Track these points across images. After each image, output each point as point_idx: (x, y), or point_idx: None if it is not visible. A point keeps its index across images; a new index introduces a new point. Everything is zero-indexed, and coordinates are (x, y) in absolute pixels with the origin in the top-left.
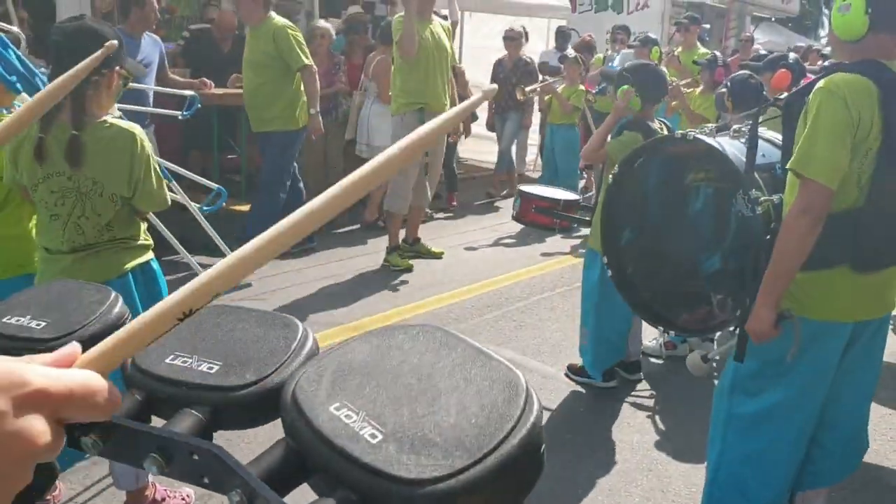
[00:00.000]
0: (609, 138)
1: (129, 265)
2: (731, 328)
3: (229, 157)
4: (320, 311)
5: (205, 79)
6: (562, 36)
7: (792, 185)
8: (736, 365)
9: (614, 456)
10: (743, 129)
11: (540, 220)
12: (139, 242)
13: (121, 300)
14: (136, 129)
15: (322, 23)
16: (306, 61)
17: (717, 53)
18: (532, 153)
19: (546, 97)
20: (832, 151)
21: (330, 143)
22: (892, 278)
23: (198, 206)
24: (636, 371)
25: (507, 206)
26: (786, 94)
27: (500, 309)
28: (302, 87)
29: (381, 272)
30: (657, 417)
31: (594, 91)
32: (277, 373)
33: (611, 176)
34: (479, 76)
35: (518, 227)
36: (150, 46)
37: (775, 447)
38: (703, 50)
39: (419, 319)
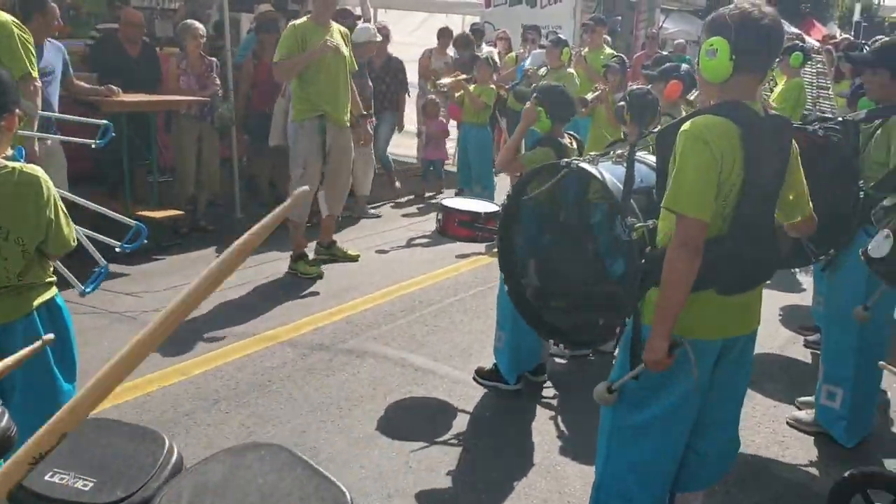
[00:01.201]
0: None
1: (35, 303)
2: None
3: (141, 164)
4: (235, 323)
5: (111, 86)
6: (476, 32)
7: (666, 214)
8: (619, 379)
9: (516, 459)
10: (625, 153)
11: (463, 234)
12: (45, 280)
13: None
14: (38, 172)
15: (192, 22)
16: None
17: (623, 57)
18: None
19: (457, 94)
20: (700, 188)
21: (205, 147)
22: (756, 298)
23: (118, 244)
24: (542, 373)
25: (423, 206)
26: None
27: (414, 313)
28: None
29: (296, 277)
30: (559, 419)
31: (507, 86)
32: (144, 489)
33: (506, 194)
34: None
35: (434, 226)
36: (53, 53)
37: (656, 456)
38: (608, 50)
39: (332, 327)
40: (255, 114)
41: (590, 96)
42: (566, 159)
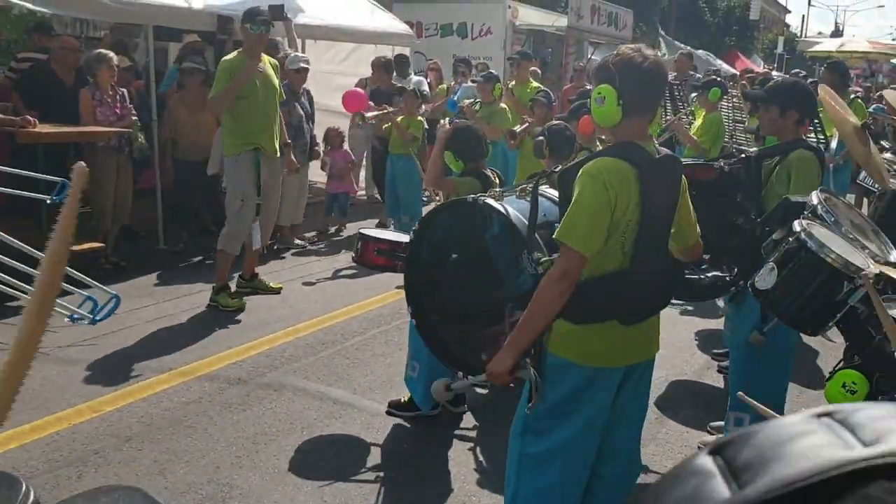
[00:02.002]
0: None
1: None
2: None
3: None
4: (153, 357)
5: (27, 116)
6: (401, 63)
7: None
8: (525, 409)
9: (431, 490)
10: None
11: (381, 262)
12: None
13: None
14: None
15: (105, 52)
16: None
17: (549, 91)
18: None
19: (385, 126)
20: (591, 227)
21: (120, 180)
22: (654, 327)
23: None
24: (461, 403)
25: (346, 235)
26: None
27: (336, 346)
28: None
29: (217, 310)
30: (478, 449)
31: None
32: None
33: (413, 230)
34: (326, 100)
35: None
36: None
37: (562, 482)
38: (535, 84)
39: (252, 361)
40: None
41: (518, 129)
42: (472, 195)
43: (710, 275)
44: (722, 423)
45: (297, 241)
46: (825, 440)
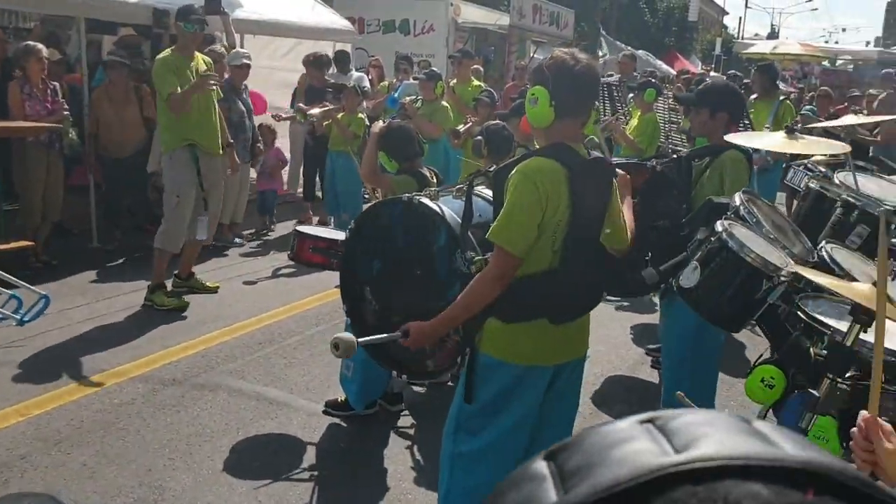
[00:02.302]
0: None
1: None
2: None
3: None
4: (84, 358)
5: None
6: (342, 59)
7: None
8: (458, 408)
9: (366, 489)
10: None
11: (317, 260)
12: None
13: None
14: None
15: (34, 43)
16: None
17: (492, 91)
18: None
19: (325, 123)
20: (523, 227)
21: (50, 176)
22: (584, 326)
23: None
24: (398, 402)
25: (277, 236)
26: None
27: (273, 345)
28: None
29: (152, 310)
30: (414, 448)
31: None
32: None
33: (349, 228)
34: (268, 97)
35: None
36: None
37: (493, 481)
38: (476, 83)
39: (188, 361)
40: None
41: (461, 128)
42: (408, 194)
43: (643, 272)
44: None
45: (237, 239)
46: (644, 446)
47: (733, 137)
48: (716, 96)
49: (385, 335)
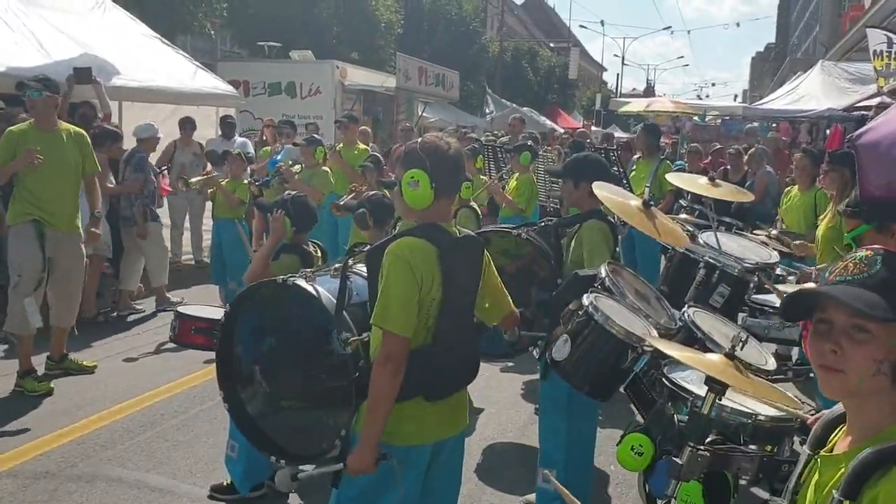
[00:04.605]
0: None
1: None
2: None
3: None
4: None
5: None
6: (227, 125)
7: (375, 328)
8: (338, 493)
9: None
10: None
11: (199, 341)
12: None
13: None
14: None
15: None
16: None
17: (378, 157)
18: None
19: (210, 190)
20: (404, 307)
21: None
22: (461, 402)
23: None
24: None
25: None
26: None
27: (155, 428)
28: None
29: (22, 395)
30: None
31: (258, 182)
32: None
33: (224, 312)
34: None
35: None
36: None
37: None
38: (362, 146)
39: (61, 451)
40: None
41: (346, 198)
42: (283, 276)
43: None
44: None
45: (137, 305)
46: None
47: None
48: (576, 168)
49: (327, 468)
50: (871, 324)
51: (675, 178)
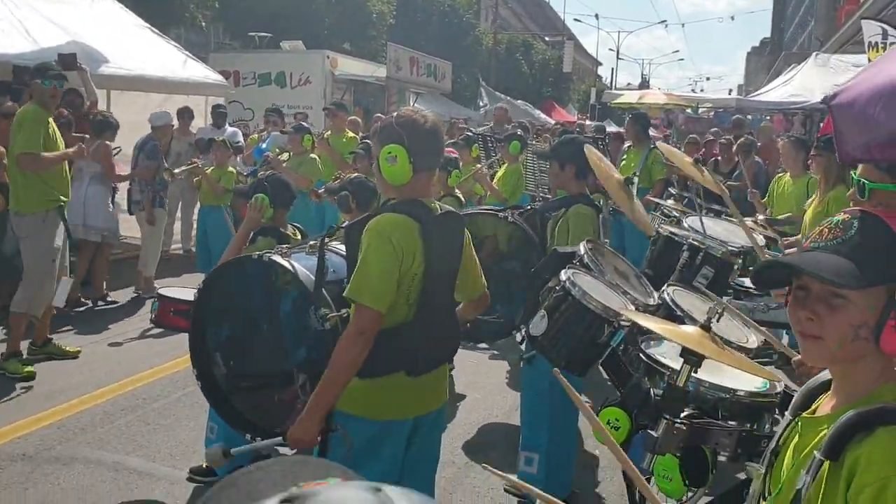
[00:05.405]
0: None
1: None
2: None
3: None
4: None
5: None
6: (218, 114)
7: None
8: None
9: None
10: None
11: (179, 324)
12: None
13: None
14: None
15: None
16: None
17: (369, 144)
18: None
19: (196, 178)
20: (381, 282)
21: None
22: (440, 377)
23: None
24: None
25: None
26: None
27: (136, 412)
28: None
29: (4, 378)
30: None
31: (246, 173)
32: None
33: (197, 289)
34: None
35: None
36: None
37: None
38: (351, 134)
39: (40, 434)
40: None
41: (322, 190)
42: (258, 252)
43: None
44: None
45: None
46: None
47: None
48: (563, 150)
49: (264, 442)
50: (845, 290)
51: (667, 150)
